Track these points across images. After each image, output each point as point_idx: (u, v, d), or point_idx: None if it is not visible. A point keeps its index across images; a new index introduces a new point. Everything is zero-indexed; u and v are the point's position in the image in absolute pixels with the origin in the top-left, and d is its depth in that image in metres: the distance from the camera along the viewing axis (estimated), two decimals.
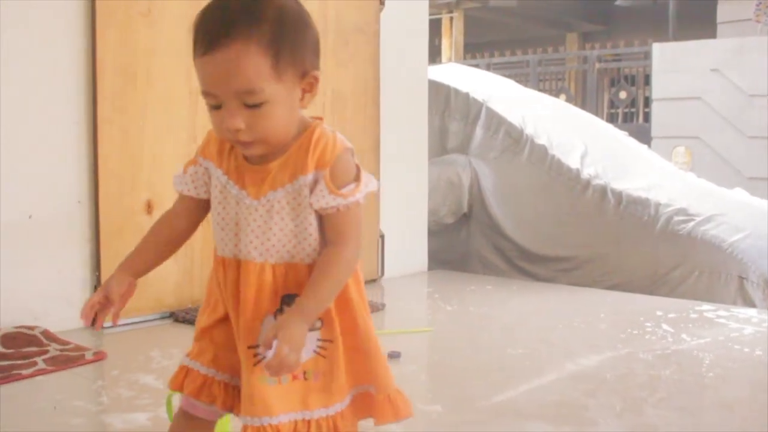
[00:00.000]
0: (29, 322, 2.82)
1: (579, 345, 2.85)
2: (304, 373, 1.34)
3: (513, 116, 4.67)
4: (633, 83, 10.32)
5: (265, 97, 1.25)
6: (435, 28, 8.14)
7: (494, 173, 4.60)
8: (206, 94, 1.26)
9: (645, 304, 3.59)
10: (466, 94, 4.82)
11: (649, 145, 7.44)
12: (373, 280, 4.05)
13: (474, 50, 13.48)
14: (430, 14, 4.53)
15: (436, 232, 4.59)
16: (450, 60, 11.71)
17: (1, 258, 2.81)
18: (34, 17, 2.87)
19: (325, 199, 1.30)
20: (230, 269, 1.36)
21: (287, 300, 1.32)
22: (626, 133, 5.39)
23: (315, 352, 1.34)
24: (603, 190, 4.35)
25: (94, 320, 1.40)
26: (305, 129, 1.34)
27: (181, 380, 1.42)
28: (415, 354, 2.76)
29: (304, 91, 1.33)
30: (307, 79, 1.32)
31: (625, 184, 4.39)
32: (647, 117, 9.35)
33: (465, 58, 12.29)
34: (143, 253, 1.46)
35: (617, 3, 11.55)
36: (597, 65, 10.59)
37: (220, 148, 1.37)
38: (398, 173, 4.15)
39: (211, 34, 1.23)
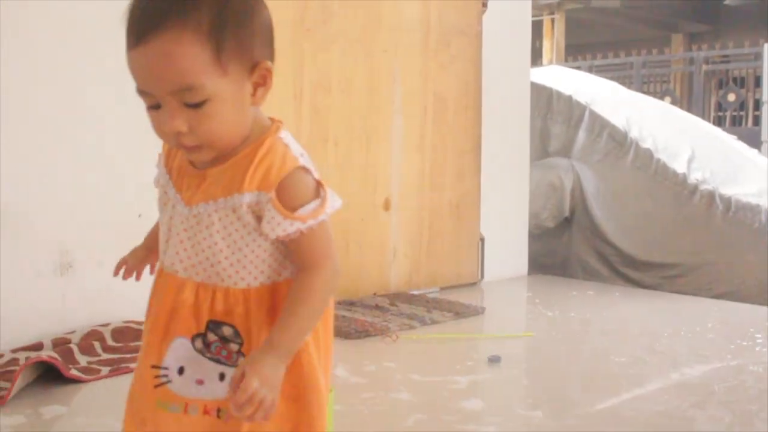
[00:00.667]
0: (136, 317, 2.90)
1: (685, 354, 2.78)
2: (218, 410, 1.17)
3: (617, 119, 4.58)
4: (742, 85, 10.02)
5: (206, 93, 1.08)
6: (536, 29, 8.08)
7: (597, 177, 4.52)
8: (141, 92, 1.10)
9: (755, 314, 3.48)
10: (569, 97, 4.75)
11: (759, 150, 7.20)
12: (473, 284, 4.04)
13: (575, 52, 13.30)
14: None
15: (537, 236, 4.54)
16: (551, 62, 11.58)
17: (113, 255, 2.90)
18: None
19: (281, 226, 1.13)
20: (159, 278, 1.24)
21: (214, 327, 1.16)
22: (735, 137, 5.23)
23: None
24: (711, 196, 4.24)
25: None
26: (261, 133, 1.17)
27: None
28: (516, 359, 2.75)
29: (256, 86, 1.16)
30: (258, 71, 1.15)
31: (735, 189, 4.26)
32: (757, 120, 9.08)
33: (566, 60, 12.15)
34: (154, 236, 1.34)
35: (726, 2, 11.24)
36: (704, 67, 10.34)
37: (172, 150, 1.24)
38: (499, 176, 4.13)
39: (141, 24, 1.06)
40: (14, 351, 2.59)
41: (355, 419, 2.11)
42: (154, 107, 1.11)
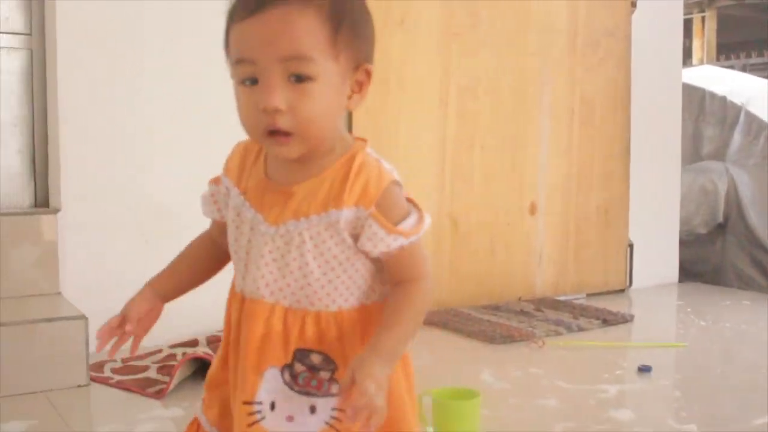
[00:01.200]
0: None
1: None
2: None
3: None
4: None
5: (316, 69, 1.03)
6: (685, 28, 7.84)
7: (754, 181, 4.34)
8: (240, 61, 1.04)
9: None
10: (723, 98, 4.58)
11: None
12: (621, 291, 3.95)
13: (728, 51, 12.80)
14: None
15: (688, 242, 4.40)
16: (702, 62, 11.20)
17: None
18: None
19: (384, 242, 1.08)
20: (237, 306, 1.16)
21: (301, 356, 1.10)
22: None
23: (327, 423, 1.10)
24: None
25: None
26: (345, 150, 1.12)
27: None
28: (668, 369, 2.68)
29: (354, 88, 1.10)
30: (360, 72, 1.10)
31: None
32: None
33: (718, 60, 11.71)
34: (176, 274, 1.31)
35: None
36: None
37: (242, 162, 1.17)
38: (649, 180, 4.03)
39: None
40: (172, 347, 2.71)
41: (501, 425, 2.11)
42: (250, 81, 1.04)
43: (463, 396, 1.88)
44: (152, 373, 2.46)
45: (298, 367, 1.09)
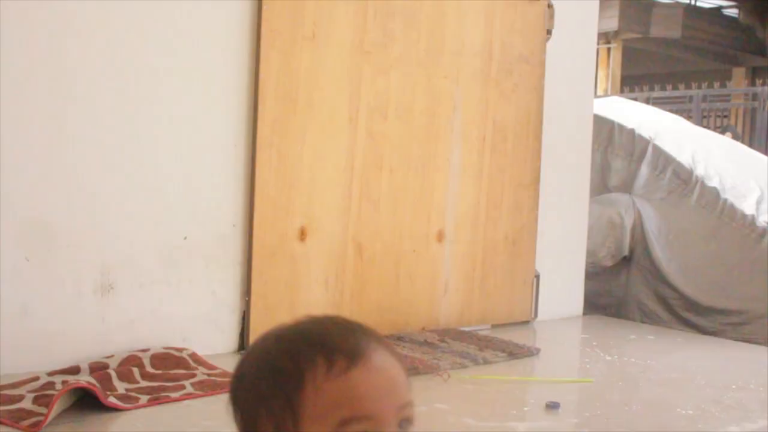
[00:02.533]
0: (178, 344, 2.87)
1: (758, 409, 2.68)
2: None
3: (682, 155, 4.49)
4: None
5: (414, 412, 0.98)
6: None
7: (659, 215, 4.42)
8: (351, 423, 0.92)
9: None
10: (632, 130, 4.67)
11: None
12: (526, 322, 3.95)
13: (632, 83, 13.21)
14: None
15: (593, 274, 4.45)
16: (606, 92, 11.52)
17: (155, 277, 2.88)
18: (198, 38, 2.95)
19: None
20: None
21: None
22: None
23: None
24: None
25: None
26: None
27: None
28: (575, 406, 2.66)
29: None
30: None
31: None
32: None
33: (622, 91, 12.07)
34: None
35: None
36: None
37: None
38: (558, 210, 4.06)
39: (350, 342, 0.95)
40: (50, 374, 2.57)
41: None
42: None
43: None
44: (28, 404, 2.32)
45: None
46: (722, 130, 9.97)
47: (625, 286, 4.53)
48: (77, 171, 2.74)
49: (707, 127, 10.07)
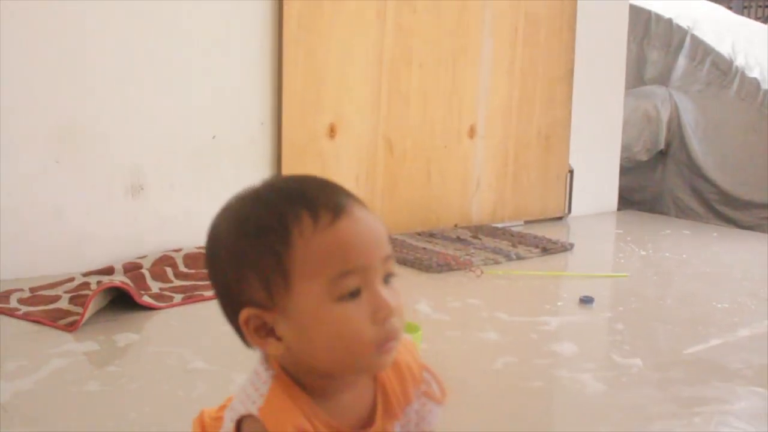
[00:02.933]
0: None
1: None
2: None
3: (722, 45, 4.36)
4: None
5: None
6: None
7: (697, 108, 4.33)
8: (348, 273, 0.90)
9: None
10: (669, 20, 4.54)
11: None
12: (559, 218, 3.93)
13: None
14: None
15: (628, 169, 4.40)
16: None
17: (185, 177, 2.88)
18: None
19: (436, 416, 1.07)
20: None
21: None
22: None
23: None
24: None
25: None
26: None
27: None
28: (610, 301, 2.66)
29: None
30: None
31: None
32: None
33: None
34: None
35: None
36: None
37: (313, 425, 0.95)
38: (592, 104, 3.99)
39: (331, 199, 0.93)
40: (85, 275, 2.60)
41: (441, 359, 2.05)
42: (353, 295, 0.91)
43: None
44: (64, 304, 2.35)
45: None
46: (764, 20, 9.69)
47: (661, 181, 4.48)
48: (106, 73, 2.72)
49: (748, 16, 9.80)
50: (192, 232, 2.88)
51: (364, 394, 1.00)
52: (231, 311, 0.94)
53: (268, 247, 0.90)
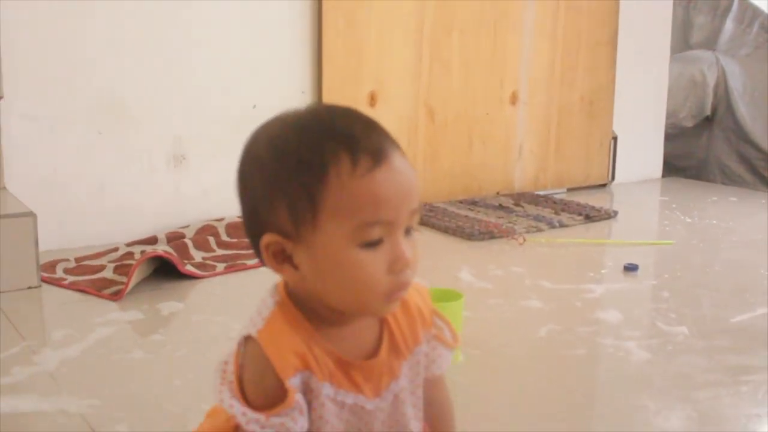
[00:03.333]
0: None
1: None
2: None
3: None
4: None
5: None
6: None
7: (745, 72, 4.25)
8: (375, 224, 0.91)
9: None
10: None
11: None
12: (603, 185, 3.89)
13: None
14: None
15: (673, 135, 4.33)
16: None
17: (226, 147, 2.89)
18: None
19: (447, 360, 1.10)
20: None
21: None
22: None
23: None
24: None
25: None
26: None
27: None
28: (655, 268, 2.63)
29: None
30: None
31: None
32: None
33: None
34: None
35: None
36: None
37: (311, 351, 0.98)
38: (636, 69, 3.93)
39: (373, 142, 0.92)
40: (129, 245, 2.62)
41: (483, 327, 2.05)
42: (374, 244, 0.91)
43: (445, 297, 1.81)
44: (109, 273, 2.38)
45: None
46: None
47: (707, 147, 4.41)
48: (147, 45, 2.73)
49: None
50: (233, 201, 2.87)
51: (370, 329, 1.02)
52: (254, 231, 0.96)
53: (303, 182, 0.90)
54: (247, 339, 0.96)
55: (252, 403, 0.95)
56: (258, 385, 0.95)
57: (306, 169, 0.90)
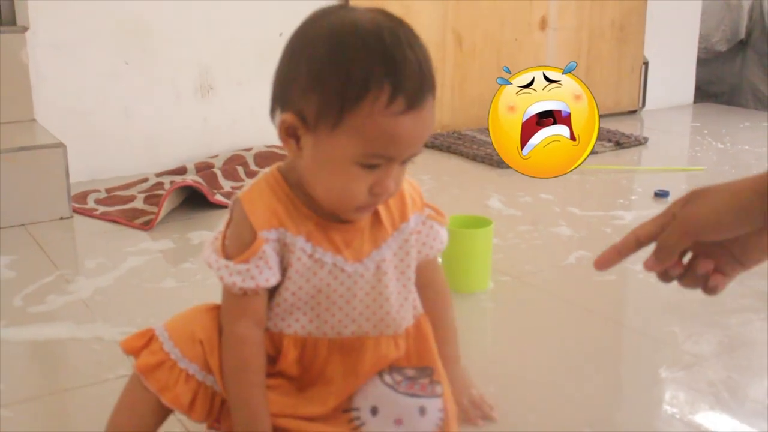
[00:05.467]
0: (277, 142, 2.89)
1: None
2: None
3: None
4: None
5: None
6: None
7: None
8: (376, 156, 0.98)
9: None
10: None
11: None
12: (633, 112, 3.84)
13: None
14: None
15: (706, 60, 4.26)
16: None
17: (253, 75, 2.88)
18: None
19: (442, 239, 1.18)
20: (324, 349, 1.11)
21: (396, 370, 1.13)
22: None
23: (437, 426, 1.10)
24: None
25: None
26: None
27: None
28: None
29: None
30: None
31: None
32: None
33: None
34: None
35: None
36: None
37: (288, 212, 1.06)
38: None
39: (415, 83, 0.96)
40: (158, 175, 2.63)
41: (512, 254, 2.04)
42: (369, 167, 0.98)
43: (474, 224, 1.80)
44: (139, 204, 2.39)
45: (396, 377, 1.12)
46: None
47: (740, 72, 4.33)
48: None
49: None
50: (261, 130, 2.89)
51: None
52: (278, 102, 1.03)
53: (341, 92, 0.95)
54: (235, 201, 1.06)
55: (229, 255, 1.05)
56: (237, 238, 1.05)
57: (348, 83, 0.94)
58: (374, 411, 1.10)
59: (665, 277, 0.97)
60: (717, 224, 0.90)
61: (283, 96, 1.03)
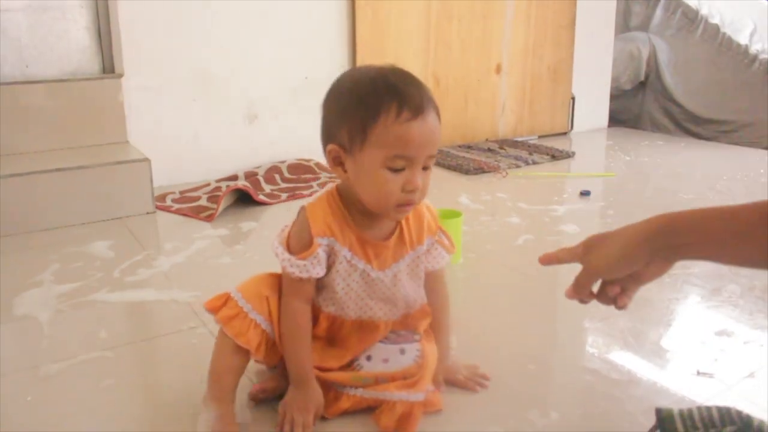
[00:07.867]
0: (306, 156, 2.87)
1: (742, 194, 2.56)
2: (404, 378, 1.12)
3: None
4: None
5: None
6: None
7: (670, 48, 4.12)
8: (399, 157, 0.97)
9: None
10: None
11: None
12: (564, 133, 3.83)
13: None
14: None
15: (616, 96, 4.24)
16: None
17: (286, 109, 2.86)
18: None
19: (444, 259, 1.15)
20: (348, 326, 1.12)
21: (392, 333, 1.15)
22: None
23: (414, 361, 1.11)
24: None
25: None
26: None
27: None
28: (602, 194, 2.59)
29: None
30: None
31: None
32: None
33: None
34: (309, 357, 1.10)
35: None
36: None
37: (339, 226, 1.05)
38: (589, 46, 3.82)
39: (416, 100, 0.97)
40: (217, 181, 2.61)
41: (477, 237, 2.04)
42: (398, 170, 0.98)
43: (448, 215, 1.79)
44: (203, 202, 2.38)
45: (391, 336, 1.14)
46: None
47: (641, 105, 4.31)
48: (229, 30, 2.67)
49: None
50: (292, 148, 2.87)
51: (388, 225, 1.09)
52: (325, 139, 1.03)
53: (361, 117, 0.97)
54: (301, 209, 1.06)
55: (291, 250, 1.05)
56: (299, 238, 1.05)
57: (366, 110, 0.97)
58: (369, 358, 1.12)
59: (582, 302, 1.03)
60: (611, 269, 0.95)
61: (326, 135, 1.03)
